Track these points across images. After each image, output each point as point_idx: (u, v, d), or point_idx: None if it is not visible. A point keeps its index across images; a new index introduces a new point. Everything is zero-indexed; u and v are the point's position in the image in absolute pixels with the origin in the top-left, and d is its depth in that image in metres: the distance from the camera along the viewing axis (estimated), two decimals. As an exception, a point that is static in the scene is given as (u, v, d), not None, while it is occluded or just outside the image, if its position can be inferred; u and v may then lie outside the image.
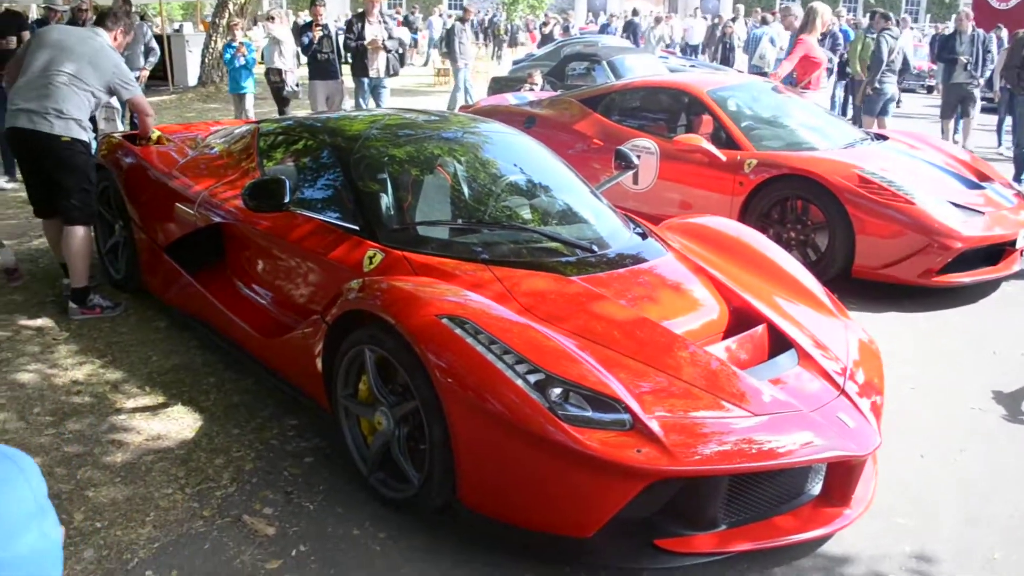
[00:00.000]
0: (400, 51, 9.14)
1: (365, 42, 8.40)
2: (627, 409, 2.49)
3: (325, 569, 2.60)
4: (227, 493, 2.98)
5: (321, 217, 3.45)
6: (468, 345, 2.57)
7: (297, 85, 9.26)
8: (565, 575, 2.59)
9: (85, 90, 4.22)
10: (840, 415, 2.75)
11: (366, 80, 8.59)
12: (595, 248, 3.38)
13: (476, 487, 2.59)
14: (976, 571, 2.68)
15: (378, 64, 8.49)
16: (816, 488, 2.80)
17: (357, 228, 3.32)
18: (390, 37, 8.64)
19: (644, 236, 3.66)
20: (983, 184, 5.39)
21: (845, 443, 2.65)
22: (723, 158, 5.49)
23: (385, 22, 8.79)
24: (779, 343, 3.09)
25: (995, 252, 5.02)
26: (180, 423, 3.43)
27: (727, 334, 3.12)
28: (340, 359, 2.98)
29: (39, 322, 4.40)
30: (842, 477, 2.75)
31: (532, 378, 2.50)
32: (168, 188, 4.24)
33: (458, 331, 2.60)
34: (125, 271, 4.67)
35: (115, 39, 4.48)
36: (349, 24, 8.69)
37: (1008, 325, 4.72)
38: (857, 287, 4.99)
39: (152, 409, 3.54)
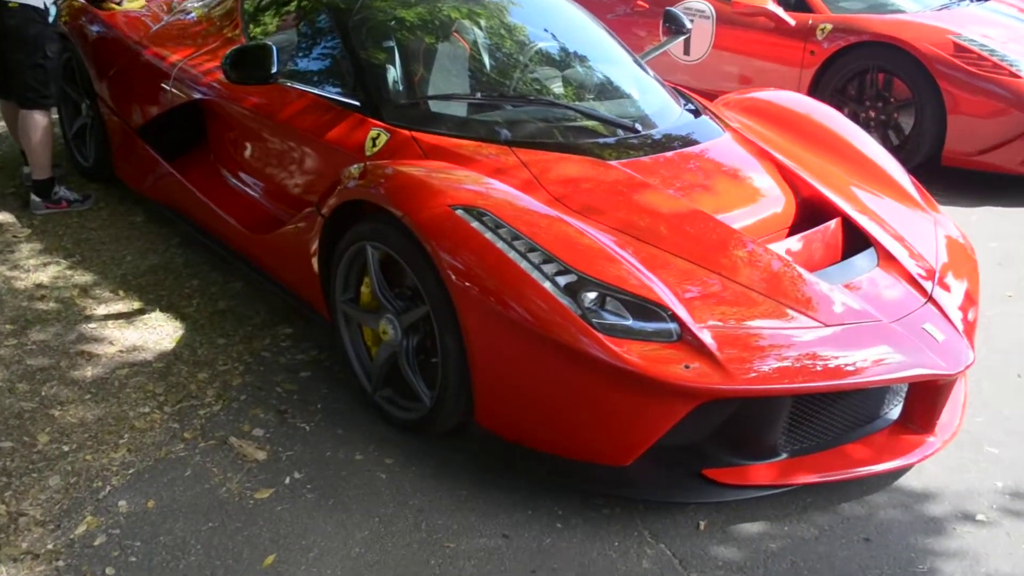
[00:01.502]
0: None
1: None
2: (674, 317, 2.34)
3: (323, 500, 2.53)
4: (212, 412, 2.90)
5: (316, 91, 3.24)
6: (486, 240, 2.41)
7: None
8: (597, 506, 2.50)
9: None
10: (926, 326, 2.58)
11: None
12: (639, 127, 3.16)
13: (495, 406, 2.49)
14: None
15: None
16: (895, 412, 2.67)
17: (358, 104, 3.13)
18: None
19: (697, 114, 3.44)
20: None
21: (932, 359, 2.49)
22: (792, 22, 5.19)
23: None
24: (856, 240, 2.90)
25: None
26: (158, 332, 3.35)
27: (794, 229, 2.93)
28: (339, 258, 2.84)
29: (-2, 217, 4.31)
30: (926, 400, 2.60)
31: (562, 280, 2.35)
32: (140, 59, 4.03)
33: (475, 224, 2.45)
34: (95, 158, 4.51)
35: None
36: None
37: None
38: (947, 176, 4.75)
39: (126, 316, 3.45)
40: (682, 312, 2.36)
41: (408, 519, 2.47)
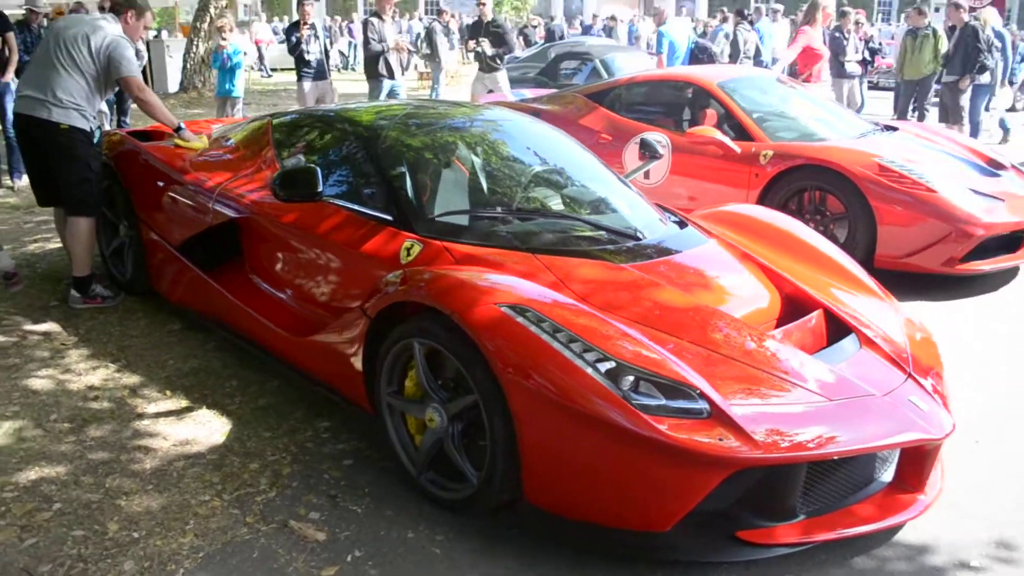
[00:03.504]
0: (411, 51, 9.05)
1: (388, 44, 8.29)
2: (703, 396, 2.38)
3: (385, 574, 2.45)
4: (268, 498, 2.81)
5: (352, 208, 3.30)
6: (532, 334, 2.44)
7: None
8: (640, 572, 2.47)
9: (83, 74, 4.14)
10: (911, 399, 2.67)
11: (387, 81, 8.44)
12: (640, 236, 3.26)
13: (543, 483, 2.46)
14: None
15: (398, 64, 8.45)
16: (887, 475, 2.71)
17: (391, 219, 3.18)
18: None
19: (682, 224, 3.56)
20: (998, 172, 5.38)
21: (922, 426, 2.56)
22: (738, 150, 5.42)
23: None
24: (836, 328, 3.00)
25: (1012, 239, 4.99)
26: (207, 427, 3.26)
27: (781, 322, 3.02)
28: (384, 354, 2.83)
29: (45, 326, 4.18)
30: (915, 462, 2.66)
31: (602, 367, 2.38)
32: (182, 183, 4.06)
33: (520, 320, 2.47)
34: (131, 273, 4.46)
35: (126, 22, 4.36)
36: (366, 24, 8.51)
37: (1032, 311, 4.70)
38: (879, 276, 4.85)
39: (176, 413, 3.36)
40: (711, 392, 2.40)
41: (470, 590, 2.40)
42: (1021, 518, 2.78)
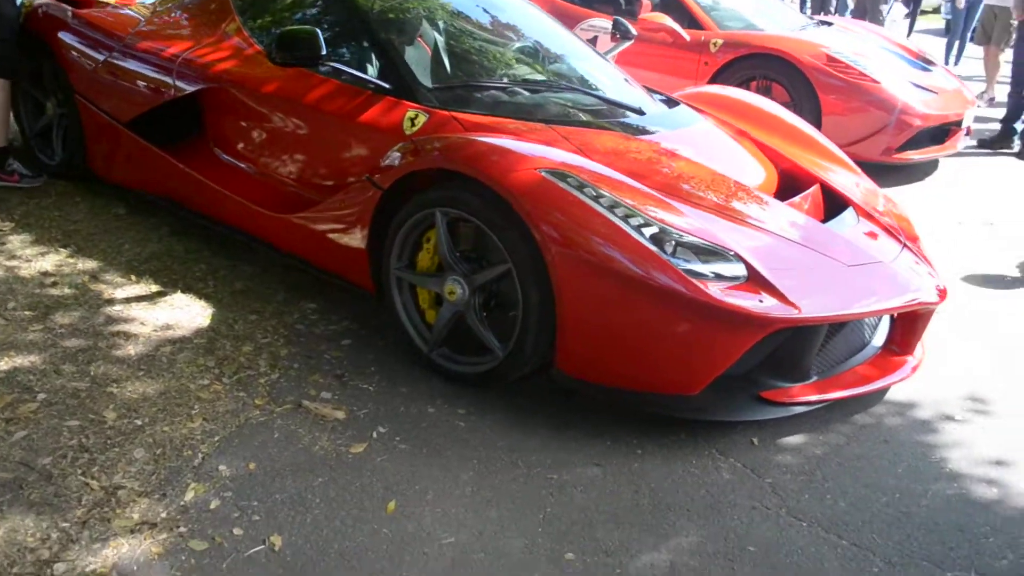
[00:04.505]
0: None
1: None
2: (740, 259, 2.43)
3: (416, 449, 2.43)
4: (271, 380, 2.71)
5: (344, 77, 3.10)
6: (577, 199, 2.41)
7: None
8: (666, 435, 2.55)
9: None
10: (911, 266, 2.82)
11: None
12: (643, 110, 3.25)
13: (578, 351, 2.47)
14: (1014, 408, 2.88)
15: None
16: (878, 340, 2.88)
17: (389, 87, 3.02)
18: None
19: (670, 103, 3.57)
20: (928, 67, 5.63)
21: (925, 291, 2.73)
22: (688, 38, 5.44)
23: None
24: (831, 203, 3.10)
25: (940, 132, 5.28)
26: (187, 312, 3.08)
27: (780, 196, 3.10)
28: (397, 227, 2.74)
29: (-33, 213, 3.80)
30: (907, 327, 2.84)
31: (647, 232, 2.38)
32: (131, 55, 3.70)
33: (563, 185, 2.44)
34: (63, 155, 4.07)
35: None
36: None
37: (962, 199, 5.03)
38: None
39: (148, 298, 3.15)
40: (746, 255, 2.45)
41: (503, 459, 2.41)
42: (993, 377, 3.04)
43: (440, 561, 2.04)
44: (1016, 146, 5.98)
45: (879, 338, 2.90)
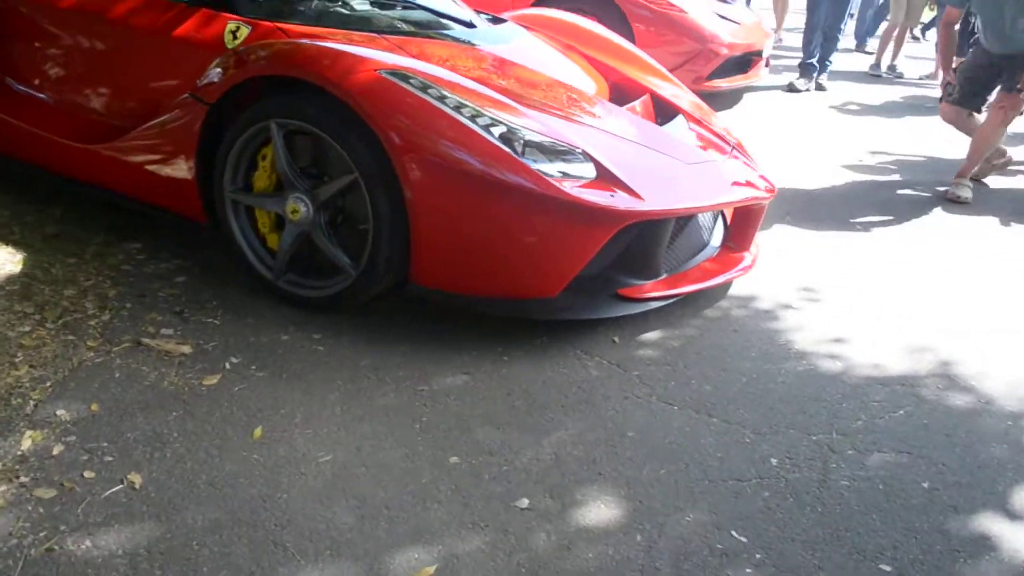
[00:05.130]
0: None
1: None
2: (588, 157, 2.45)
3: (275, 376, 2.29)
4: (103, 321, 2.46)
5: None
6: (422, 99, 2.32)
7: None
8: (529, 339, 2.55)
9: None
10: (742, 165, 2.98)
11: None
12: (474, 23, 3.20)
13: (433, 261, 2.41)
14: (850, 289, 3.12)
15: None
16: (716, 240, 3.02)
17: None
18: None
19: (496, 21, 3.55)
20: (729, 1, 5.95)
21: (757, 187, 2.88)
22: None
23: None
24: (661, 112, 3.20)
25: (744, 61, 5.61)
26: (-12, 260, 2.73)
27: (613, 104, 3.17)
28: (228, 145, 2.54)
29: None
30: (742, 225, 3.00)
31: (495, 131, 2.35)
32: None
33: (406, 86, 2.34)
34: None
35: None
36: None
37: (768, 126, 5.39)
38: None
39: (-63, 249, 2.76)
40: (594, 153, 2.47)
41: (369, 377, 2.32)
42: (820, 270, 3.29)
43: (320, 479, 1.93)
44: (804, 84, 6.40)
45: (716, 239, 3.04)
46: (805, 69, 6.26)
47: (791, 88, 6.09)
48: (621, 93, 3.22)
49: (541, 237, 2.37)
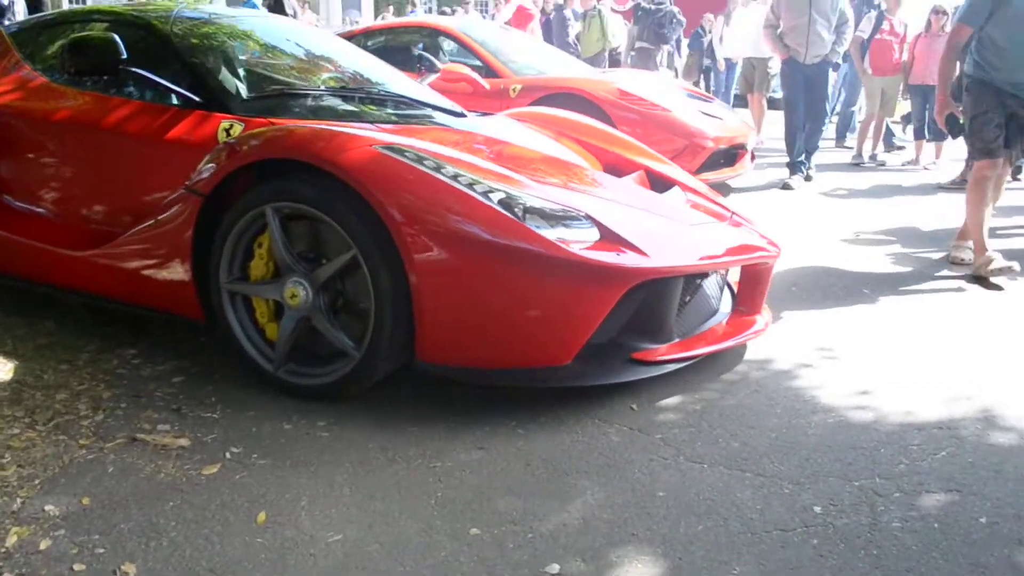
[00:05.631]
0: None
1: None
2: (591, 220, 2.43)
3: (278, 463, 2.16)
4: (96, 422, 2.35)
5: (146, 96, 2.89)
6: (419, 171, 2.32)
7: None
8: (543, 412, 2.45)
9: None
10: (745, 226, 2.96)
11: None
12: (464, 113, 3.27)
13: (440, 335, 2.33)
14: (867, 347, 3.05)
15: None
16: (725, 306, 2.97)
17: (199, 100, 2.83)
18: None
19: (486, 115, 3.63)
20: (708, 99, 6.14)
21: (764, 247, 2.86)
22: (487, 86, 5.62)
23: None
24: (658, 186, 3.21)
25: (730, 155, 5.72)
26: (-20, 371, 2.64)
27: (609, 181, 3.19)
28: (224, 235, 2.51)
29: None
30: (751, 288, 2.95)
31: (494, 197, 2.33)
32: None
33: (402, 159, 2.34)
34: None
35: None
36: None
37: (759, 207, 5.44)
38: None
39: (-75, 366, 2.68)
40: (596, 215, 2.45)
41: (378, 458, 2.20)
42: (834, 331, 3.23)
43: (330, 558, 1.79)
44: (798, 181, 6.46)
45: (725, 306, 2.99)
46: (795, 167, 6.35)
47: (786, 187, 6.14)
48: (615, 171, 3.24)
49: (549, 302, 2.31)
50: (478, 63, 5.92)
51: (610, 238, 2.40)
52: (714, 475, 2.12)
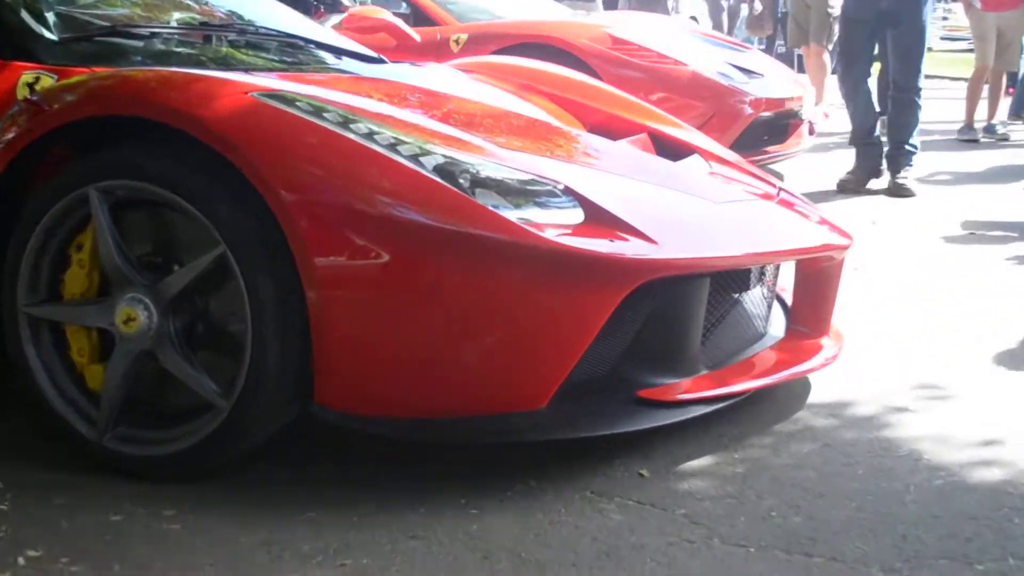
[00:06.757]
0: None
1: None
2: (571, 194, 2.44)
3: (102, 567, 2.10)
4: None
5: None
6: (318, 127, 2.35)
7: None
8: (507, 484, 2.43)
9: None
10: (800, 205, 3.00)
11: None
12: (383, 59, 3.35)
13: (352, 372, 2.32)
14: (989, 381, 3.12)
15: None
16: (776, 328, 3.02)
17: None
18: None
19: (417, 65, 3.71)
20: (740, 48, 6.24)
21: (826, 232, 2.89)
22: (418, 38, 5.68)
23: None
24: (667, 151, 3.24)
25: (779, 126, 5.79)
26: None
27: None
28: (23, 235, 2.49)
29: None
30: (814, 296, 3.00)
31: (428, 162, 2.33)
32: None
33: (293, 111, 2.37)
34: None
35: None
36: None
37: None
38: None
39: None
40: (579, 188, 2.45)
41: (260, 556, 2.15)
42: (941, 360, 3.30)
43: None
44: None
45: (776, 328, 3.00)
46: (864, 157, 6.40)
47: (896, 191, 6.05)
48: (607, 135, 3.26)
49: (513, 316, 2.31)
50: (403, 7, 5.99)
51: (600, 219, 2.40)
52: (765, 563, 2.12)
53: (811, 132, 6.15)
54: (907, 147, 6.01)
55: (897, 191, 5.88)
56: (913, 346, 3.41)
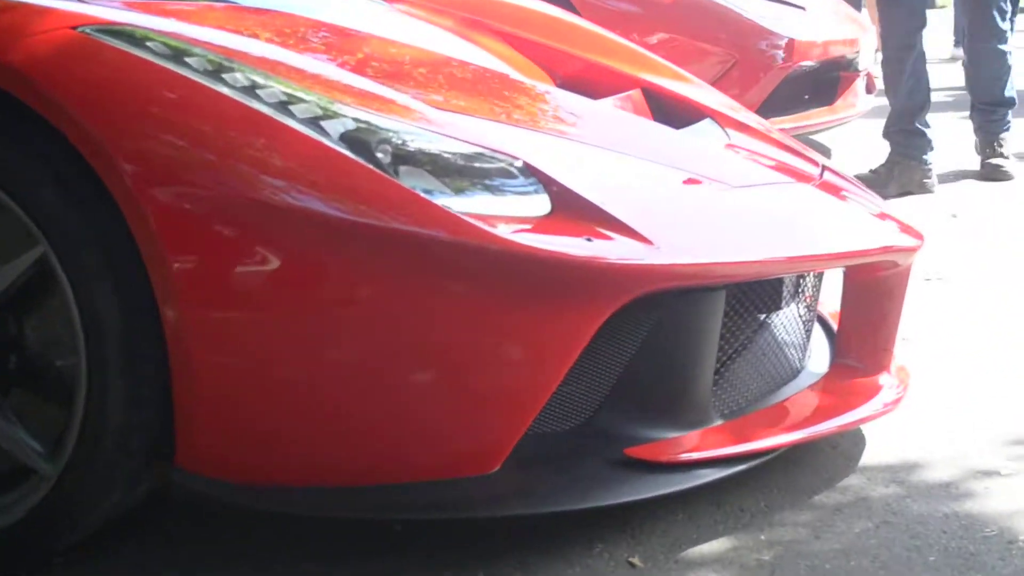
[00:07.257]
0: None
1: None
2: (533, 174, 2.46)
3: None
4: None
5: None
6: (179, 77, 2.36)
7: None
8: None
9: None
10: (851, 191, 3.04)
11: None
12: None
13: (228, 424, 2.35)
14: None
15: None
16: (817, 365, 3.05)
17: None
18: None
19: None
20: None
21: (886, 229, 2.93)
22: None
23: None
24: (670, 116, 3.29)
25: (825, 81, 5.85)
26: None
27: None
28: None
29: None
30: (869, 319, 3.04)
31: (332, 127, 2.35)
32: None
33: (140, 53, 2.39)
34: None
35: None
36: None
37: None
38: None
39: None
40: (544, 167, 2.48)
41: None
42: None
43: None
44: None
45: (818, 363, 3.04)
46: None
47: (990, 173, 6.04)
48: (587, 89, 3.30)
49: (451, 343, 2.34)
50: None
51: (573, 209, 2.43)
52: None
53: (870, 90, 6.19)
54: (998, 109, 6.06)
55: (991, 173, 5.94)
56: (1005, 387, 3.45)
